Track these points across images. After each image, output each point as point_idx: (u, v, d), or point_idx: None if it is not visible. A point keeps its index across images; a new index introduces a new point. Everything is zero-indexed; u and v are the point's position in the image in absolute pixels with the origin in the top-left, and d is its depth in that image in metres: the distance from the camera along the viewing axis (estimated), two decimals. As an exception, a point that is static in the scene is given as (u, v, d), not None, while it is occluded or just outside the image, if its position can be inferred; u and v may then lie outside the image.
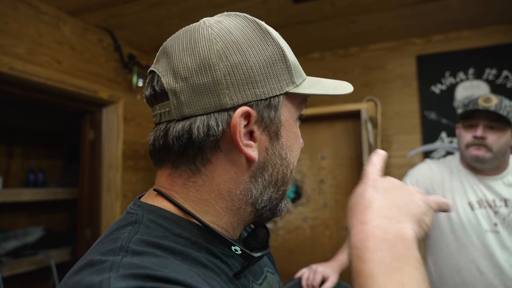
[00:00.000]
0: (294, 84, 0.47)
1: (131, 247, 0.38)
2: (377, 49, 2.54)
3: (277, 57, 0.46)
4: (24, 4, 1.85)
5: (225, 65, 0.43)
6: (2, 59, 1.73)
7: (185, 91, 0.44)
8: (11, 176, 3.00)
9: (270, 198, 0.49)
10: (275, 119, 0.47)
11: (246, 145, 0.45)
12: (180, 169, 0.47)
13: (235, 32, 0.45)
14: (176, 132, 0.44)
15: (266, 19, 1.89)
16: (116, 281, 0.34)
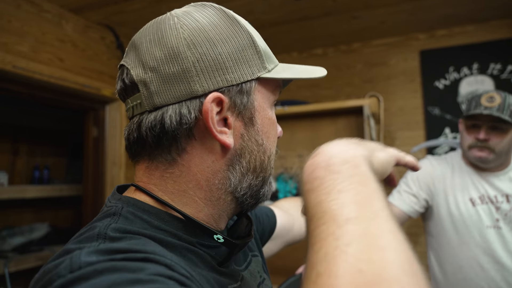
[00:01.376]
0: (266, 70, 0.48)
1: (108, 234, 0.38)
2: (380, 45, 2.53)
3: (246, 43, 0.46)
4: (26, 2, 1.86)
5: (193, 53, 0.43)
6: (5, 57, 1.74)
7: (155, 81, 0.44)
8: (17, 173, 3.03)
9: (249, 186, 0.48)
10: (248, 104, 0.46)
11: (220, 131, 0.44)
12: (156, 160, 0.46)
13: (202, 21, 0.45)
14: (149, 123, 0.44)
15: (268, 15, 1.88)
16: (86, 254, 0.33)
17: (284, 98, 2.75)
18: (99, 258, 0.32)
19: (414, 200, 1.34)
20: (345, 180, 0.33)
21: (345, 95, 2.56)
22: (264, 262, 0.66)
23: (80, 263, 0.32)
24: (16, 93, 2.03)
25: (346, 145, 0.39)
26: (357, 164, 0.36)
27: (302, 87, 2.74)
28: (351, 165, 0.35)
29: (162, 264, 0.33)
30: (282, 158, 2.09)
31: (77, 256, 0.33)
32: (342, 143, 0.40)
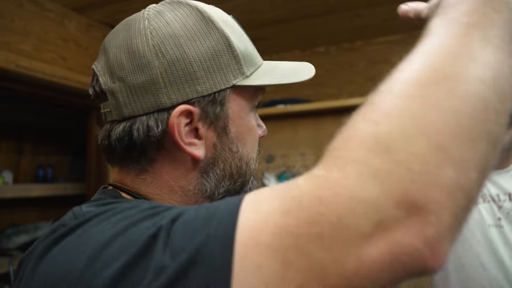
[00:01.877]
0: (243, 75, 0.45)
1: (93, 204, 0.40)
2: (382, 42, 2.51)
3: (221, 47, 0.43)
4: (29, 1, 1.87)
5: (161, 62, 0.41)
6: (8, 56, 1.75)
7: (123, 92, 0.43)
8: (21, 172, 3.05)
9: (227, 190, 0.48)
10: (221, 114, 0.45)
11: (189, 143, 0.43)
12: (127, 168, 0.46)
13: (173, 24, 0.43)
14: (118, 134, 0.43)
15: (269, 13, 1.87)
16: (86, 207, 0.36)
17: (286, 96, 2.75)
18: (100, 208, 0.34)
19: None
20: (473, 11, 0.30)
21: (348, 93, 2.55)
22: None
23: (83, 211, 0.34)
24: (19, 92, 2.04)
25: None
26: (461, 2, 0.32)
27: (304, 85, 2.73)
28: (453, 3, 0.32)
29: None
30: (285, 157, 2.08)
31: (78, 208, 0.35)
32: None
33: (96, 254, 0.29)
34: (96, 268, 0.28)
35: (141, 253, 0.27)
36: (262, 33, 2.45)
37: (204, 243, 0.27)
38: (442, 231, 0.23)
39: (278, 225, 0.25)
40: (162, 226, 0.29)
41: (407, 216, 0.23)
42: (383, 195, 0.23)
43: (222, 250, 0.26)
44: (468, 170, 0.24)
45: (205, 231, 0.27)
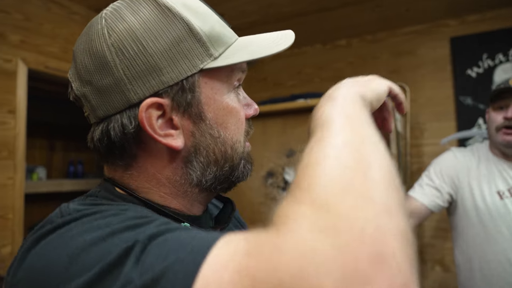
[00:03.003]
0: (211, 57, 0.43)
1: (88, 202, 0.41)
2: (406, 33, 2.43)
3: (181, 33, 0.42)
4: (56, 5, 1.95)
5: (122, 60, 0.41)
6: (38, 58, 1.84)
7: (93, 94, 0.43)
8: (54, 168, 3.21)
9: (215, 176, 0.47)
10: (193, 101, 0.43)
11: (164, 135, 0.43)
12: (114, 165, 0.46)
13: (129, 19, 0.42)
14: (98, 135, 0.44)
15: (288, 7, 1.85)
16: (73, 204, 0.36)
17: (306, 90, 2.73)
18: (86, 207, 0.35)
19: (436, 193, 1.28)
20: (339, 108, 0.39)
21: (371, 86, 2.49)
22: None
23: (69, 210, 0.35)
24: (50, 92, 2.14)
25: (343, 86, 0.44)
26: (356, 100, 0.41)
27: (326, 79, 2.70)
28: (333, 97, 0.41)
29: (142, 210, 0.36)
30: (305, 152, 2.07)
31: (65, 206, 0.36)
32: (342, 85, 0.45)
33: (73, 257, 0.30)
34: (72, 272, 0.30)
35: (114, 265, 0.29)
36: (281, 27, 2.41)
37: (172, 266, 0.28)
38: (407, 275, 0.23)
39: (241, 265, 0.26)
40: (139, 241, 0.30)
41: (370, 268, 0.23)
42: (337, 250, 0.24)
43: (186, 277, 0.27)
44: (397, 215, 0.26)
45: (177, 255, 0.28)
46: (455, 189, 1.28)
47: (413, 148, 2.32)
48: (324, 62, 2.71)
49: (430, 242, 2.23)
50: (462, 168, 1.28)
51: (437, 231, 2.21)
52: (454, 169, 1.29)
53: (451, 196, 1.29)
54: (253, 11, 2.19)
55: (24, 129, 1.76)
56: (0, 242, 1.63)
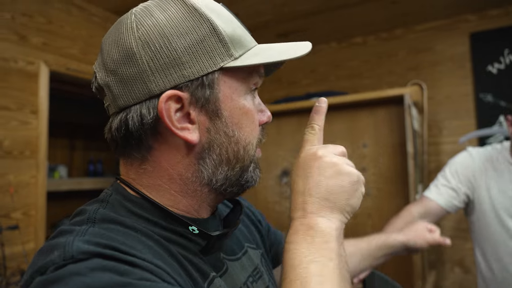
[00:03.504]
0: (232, 57, 0.45)
1: (97, 218, 0.41)
2: (424, 30, 2.39)
3: (206, 32, 0.44)
4: (76, 7, 2.01)
5: (147, 52, 0.42)
6: (59, 60, 1.90)
7: (116, 84, 0.44)
8: (74, 166, 3.30)
9: (226, 177, 0.47)
10: (211, 97, 0.45)
11: (181, 128, 0.44)
12: (130, 158, 0.47)
13: (157, 15, 0.44)
14: (116, 125, 0.45)
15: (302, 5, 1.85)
16: (79, 243, 0.36)
17: (321, 89, 2.71)
18: (89, 248, 0.35)
19: (453, 194, 1.26)
20: (316, 253, 0.41)
21: (387, 84, 2.46)
22: (266, 257, 0.65)
23: (72, 251, 0.35)
24: (70, 93, 2.20)
25: (324, 203, 0.45)
26: (328, 240, 0.42)
27: (341, 77, 2.68)
28: (323, 240, 0.42)
29: (146, 270, 0.36)
30: (320, 150, 2.06)
31: (69, 245, 0.36)
32: (323, 189, 0.45)
33: None
34: None
35: None
36: (295, 25, 2.43)
37: None
38: None
39: None
40: None
41: None
42: None
43: None
44: None
45: None
46: (472, 189, 1.25)
47: (431, 146, 2.27)
48: (339, 60, 2.69)
49: (449, 243, 2.19)
50: (479, 168, 1.26)
51: (457, 231, 2.16)
52: (471, 169, 1.27)
53: (467, 196, 1.26)
54: (267, 10, 2.19)
55: (46, 129, 1.82)
56: (24, 238, 1.69)
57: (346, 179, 0.45)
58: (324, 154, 0.46)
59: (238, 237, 0.59)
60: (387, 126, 1.90)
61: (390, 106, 1.88)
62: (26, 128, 1.75)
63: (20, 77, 1.74)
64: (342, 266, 0.42)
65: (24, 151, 1.74)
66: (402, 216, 1.25)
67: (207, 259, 0.48)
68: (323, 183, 0.45)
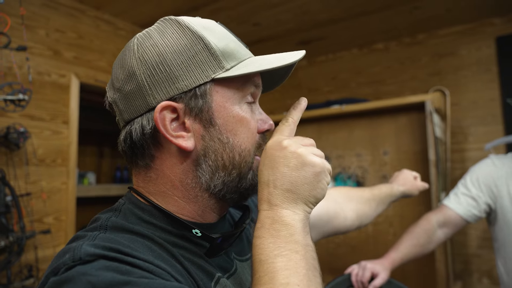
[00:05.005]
0: (223, 69, 0.48)
1: (109, 225, 0.45)
2: (448, 34, 2.35)
3: (197, 48, 0.47)
4: (104, 22, 2.11)
5: (145, 70, 0.47)
6: (88, 72, 2.01)
7: (121, 100, 0.50)
8: (102, 173, 3.43)
9: (223, 182, 0.50)
10: (205, 107, 0.48)
11: (176, 136, 0.47)
12: (137, 167, 0.52)
13: (155, 37, 0.48)
14: (123, 136, 0.50)
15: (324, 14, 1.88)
16: (86, 247, 0.40)
17: (343, 96, 2.70)
18: (95, 251, 0.39)
19: (472, 203, 1.23)
20: (282, 247, 0.42)
21: (410, 90, 2.43)
22: None
23: (80, 254, 0.39)
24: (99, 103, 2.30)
25: (289, 195, 0.46)
26: (293, 233, 0.44)
27: (362, 84, 2.66)
28: (289, 233, 0.44)
29: (146, 271, 0.39)
30: (340, 158, 2.05)
31: (78, 249, 0.39)
32: (287, 181, 0.46)
33: None
34: None
35: None
36: (317, 33, 2.45)
37: None
38: None
39: None
40: None
41: None
42: None
43: None
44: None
45: None
46: (494, 198, 1.22)
47: (455, 153, 2.22)
48: (360, 67, 2.68)
49: (476, 253, 2.12)
50: (501, 177, 1.22)
51: (484, 241, 2.09)
52: (492, 178, 1.23)
53: (489, 206, 1.23)
54: (288, 19, 2.22)
55: (76, 138, 1.92)
56: (55, 241, 1.78)
57: (310, 169, 0.46)
58: (289, 144, 0.47)
59: (249, 238, 0.62)
60: (408, 133, 1.87)
61: (412, 113, 1.86)
62: (58, 137, 1.85)
63: (53, 89, 1.85)
64: (309, 256, 0.43)
65: (56, 159, 1.84)
66: (421, 225, 1.24)
67: (214, 260, 0.51)
68: (287, 174, 0.46)
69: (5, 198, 1.52)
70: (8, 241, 1.49)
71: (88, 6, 2.03)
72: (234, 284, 0.52)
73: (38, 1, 1.81)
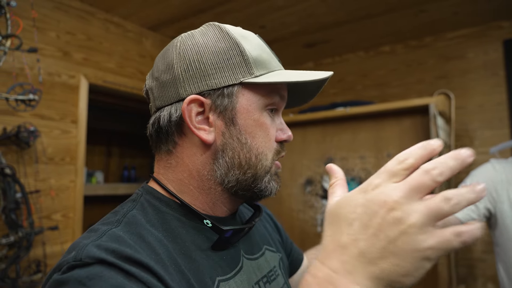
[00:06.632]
0: (252, 75, 0.51)
1: (124, 221, 0.47)
2: (455, 37, 2.34)
3: (233, 52, 0.51)
4: (113, 24, 2.16)
5: (182, 64, 0.52)
6: (97, 73, 2.05)
7: (157, 88, 0.54)
8: (110, 172, 3.48)
9: (237, 180, 0.52)
10: (229, 106, 0.51)
11: (199, 128, 0.51)
12: (160, 152, 0.56)
13: (197, 37, 0.53)
14: (152, 121, 0.55)
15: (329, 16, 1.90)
16: (91, 247, 0.41)
17: (349, 98, 2.71)
18: (96, 253, 0.41)
19: (471, 207, 1.22)
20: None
21: (416, 93, 2.42)
22: (285, 262, 0.69)
23: (82, 255, 0.41)
24: (107, 103, 2.35)
25: (363, 265, 0.33)
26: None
27: (368, 86, 2.66)
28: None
29: (140, 281, 0.40)
30: (344, 160, 2.06)
31: (83, 248, 0.41)
32: (366, 248, 0.33)
33: None
34: None
35: None
36: (322, 36, 2.46)
37: None
38: None
39: None
40: None
41: None
42: None
43: None
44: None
45: None
46: (494, 203, 1.21)
47: (461, 157, 2.20)
48: (367, 70, 2.68)
49: (481, 257, 2.10)
50: (501, 181, 1.22)
51: (489, 245, 2.08)
52: (492, 182, 1.23)
53: (488, 210, 1.23)
54: (293, 22, 2.24)
55: (84, 137, 1.97)
56: (62, 238, 1.83)
57: (418, 255, 0.32)
58: (403, 208, 0.32)
59: (258, 239, 0.64)
60: (412, 136, 1.87)
61: (416, 116, 1.86)
62: (67, 136, 1.90)
63: (63, 89, 1.90)
64: None
65: (65, 158, 1.88)
66: None
67: (221, 255, 0.53)
68: (386, 250, 0.32)
69: (15, 195, 1.56)
70: (17, 236, 1.53)
71: (98, 9, 2.08)
72: (241, 280, 0.53)
73: (49, 4, 1.86)
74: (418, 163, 0.34)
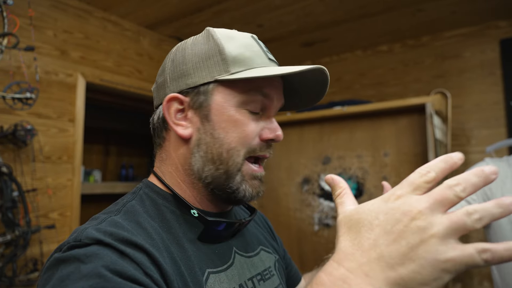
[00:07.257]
0: (228, 73, 0.53)
1: (123, 210, 0.51)
2: (452, 36, 2.34)
3: (213, 52, 0.54)
4: (111, 23, 2.16)
5: (171, 66, 0.57)
6: (94, 72, 2.05)
7: (156, 89, 0.60)
8: (108, 171, 3.48)
9: (212, 175, 0.55)
10: (205, 103, 0.54)
11: (177, 124, 0.56)
12: (156, 147, 0.61)
13: (189, 42, 0.58)
14: (151, 119, 0.61)
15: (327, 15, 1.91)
16: (91, 229, 0.45)
17: (346, 97, 2.71)
18: (94, 235, 0.44)
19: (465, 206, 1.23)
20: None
21: (414, 92, 2.43)
22: (281, 264, 0.70)
23: (82, 236, 0.44)
24: (105, 102, 2.35)
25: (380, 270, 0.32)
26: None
27: (366, 86, 2.67)
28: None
29: (133, 261, 0.43)
30: (341, 159, 2.07)
31: (84, 230, 0.45)
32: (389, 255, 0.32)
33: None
34: None
35: None
36: (320, 35, 2.46)
37: None
38: None
39: None
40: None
41: None
42: None
43: None
44: None
45: None
46: (488, 201, 1.22)
47: (458, 156, 2.21)
48: (364, 69, 2.69)
49: (478, 256, 2.11)
50: (496, 180, 1.22)
51: (485, 244, 2.08)
52: None
53: None
54: (290, 21, 2.24)
55: (81, 136, 1.97)
56: (59, 236, 1.82)
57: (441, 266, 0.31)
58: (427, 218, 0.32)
59: (253, 240, 0.66)
60: (409, 135, 1.88)
61: (413, 115, 1.86)
62: (64, 135, 1.90)
63: (60, 88, 1.89)
64: None
65: (62, 156, 1.88)
66: None
67: (213, 248, 0.55)
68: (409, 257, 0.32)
69: (12, 194, 1.56)
70: (14, 235, 1.53)
71: (95, 8, 2.08)
72: (232, 274, 0.55)
73: (46, 2, 1.86)
74: (439, 177, 0.34)
